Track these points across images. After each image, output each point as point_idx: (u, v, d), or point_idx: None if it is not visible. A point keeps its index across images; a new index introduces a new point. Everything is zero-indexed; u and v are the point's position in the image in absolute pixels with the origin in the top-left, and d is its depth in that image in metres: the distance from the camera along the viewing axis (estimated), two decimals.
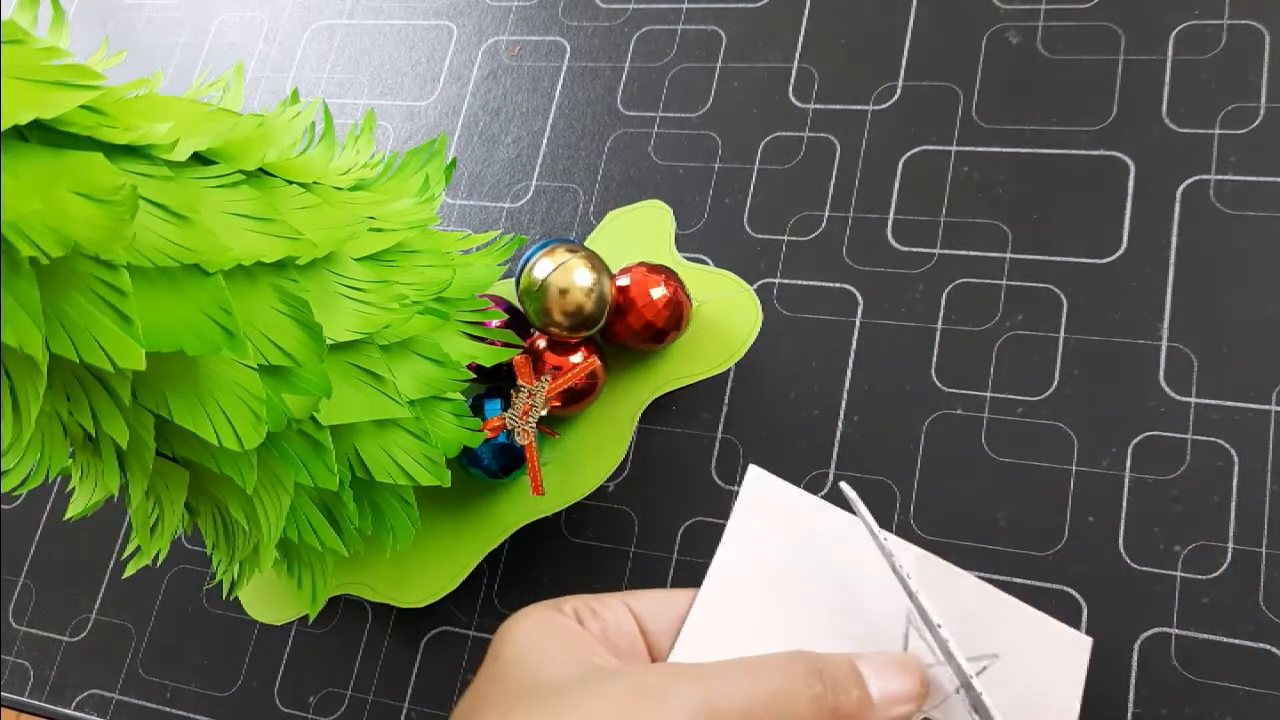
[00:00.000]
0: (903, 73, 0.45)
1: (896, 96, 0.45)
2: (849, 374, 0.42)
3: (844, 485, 0.31)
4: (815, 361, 0.42)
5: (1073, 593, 0.37)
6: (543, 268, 0.41)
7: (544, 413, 0.40)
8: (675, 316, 0.41)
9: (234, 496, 0.35)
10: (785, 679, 0.24)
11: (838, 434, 0.41)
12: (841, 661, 0.26)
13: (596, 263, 0.41)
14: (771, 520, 0.32)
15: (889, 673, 0.26)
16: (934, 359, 0.41)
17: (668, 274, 0.42)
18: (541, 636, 0.26)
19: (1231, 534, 0.36)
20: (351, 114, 0.54)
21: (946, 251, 0.42)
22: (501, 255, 0.41)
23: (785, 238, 0.44)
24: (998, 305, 0.41)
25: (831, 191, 0.45)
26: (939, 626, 0.27)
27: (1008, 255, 0.41)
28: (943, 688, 0.27)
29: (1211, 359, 0.38)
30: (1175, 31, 0.43)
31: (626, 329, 0.41)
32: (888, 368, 0.41)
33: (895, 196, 0.44)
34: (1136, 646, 0.36)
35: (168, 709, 0.46)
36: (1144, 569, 0.36)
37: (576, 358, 0.41)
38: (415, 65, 0.54)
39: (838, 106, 0.46)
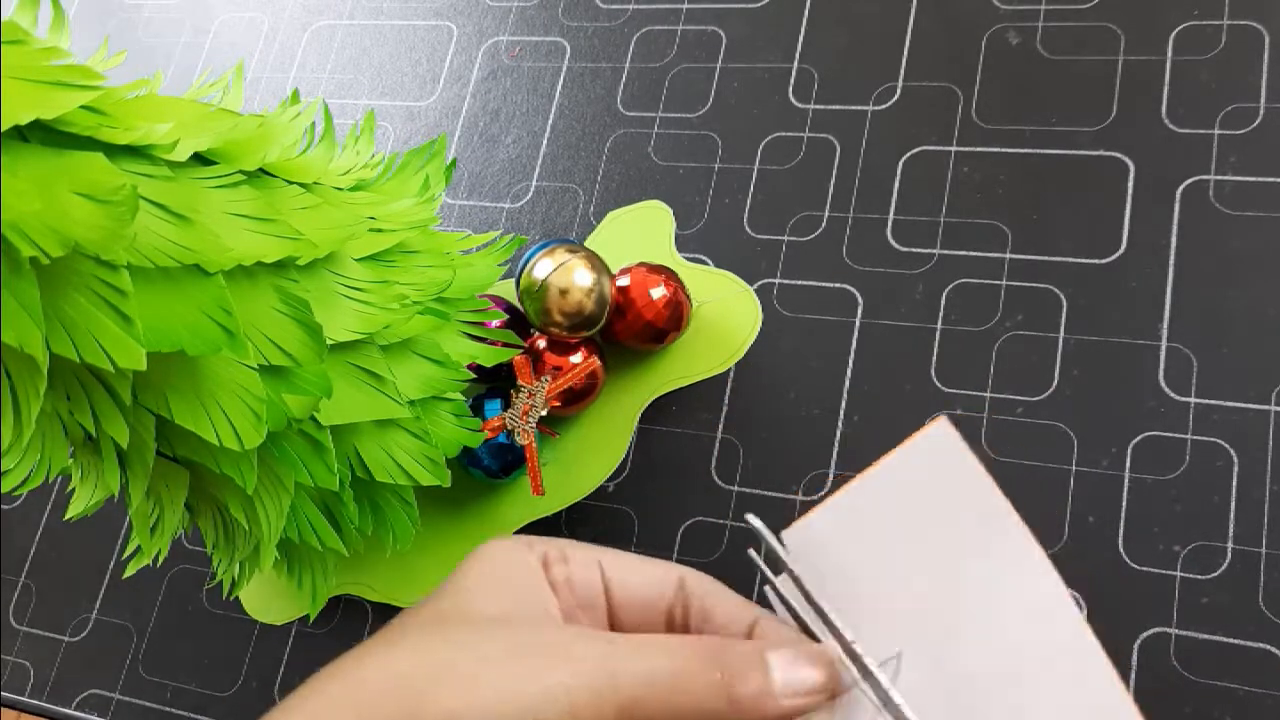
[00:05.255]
0: (903, 73, 0.45)
1: (896, 97, 0.45)
2: (849, 374, 0.42)
3: (751, 517, 0.28)
4: (815, 361, 0.42)
5: (1073, 593, 0.37)
6: (543, 268, 0.41)
7: (544, 413, 0.40)
8: (675, 316, 0.41)
9: (234, 496, 0.35)
10: (688, 660, 0.25)
11: (838, 434, 0.41)
12: (749, 649, 0.26)
13: (596, 263, 0.41)
14: (932, 483, 0.28)
15: (797, 663, 0.26)
16: (934, 359, 0.41)
17: (668, 274, 0.42)
18: (499, 571, 0.26)
19: (1231, 534, 0.36)
20: (352, 114, 0.54)
21: (946, 251, 0.42)
22: (501, 255, 0.41)
23: (785, 238, 0.44)
24: (998, 305, 0.41)
25: (831, 191, 0.45)
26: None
27: (1008, 255, 0.41)
28: (863, 702, 0.27)
29: (1211, 359, 0.38)
30: (1175, 31, 0.43)
31: (626, 329, 0.41)
32: (888, 368, 0.41)
33: (895, 196, 0.44)
34: (1136, 646, 0.36)
35: (168, 709, 0.46)
36: (1144, 569, 0.36)
37: (576, 358, 0.41)
38: (415, 65, 0.54)
39: (838, 106, 0.46)
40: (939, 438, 0.28)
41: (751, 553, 0.29)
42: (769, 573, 0.28)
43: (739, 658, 0.25)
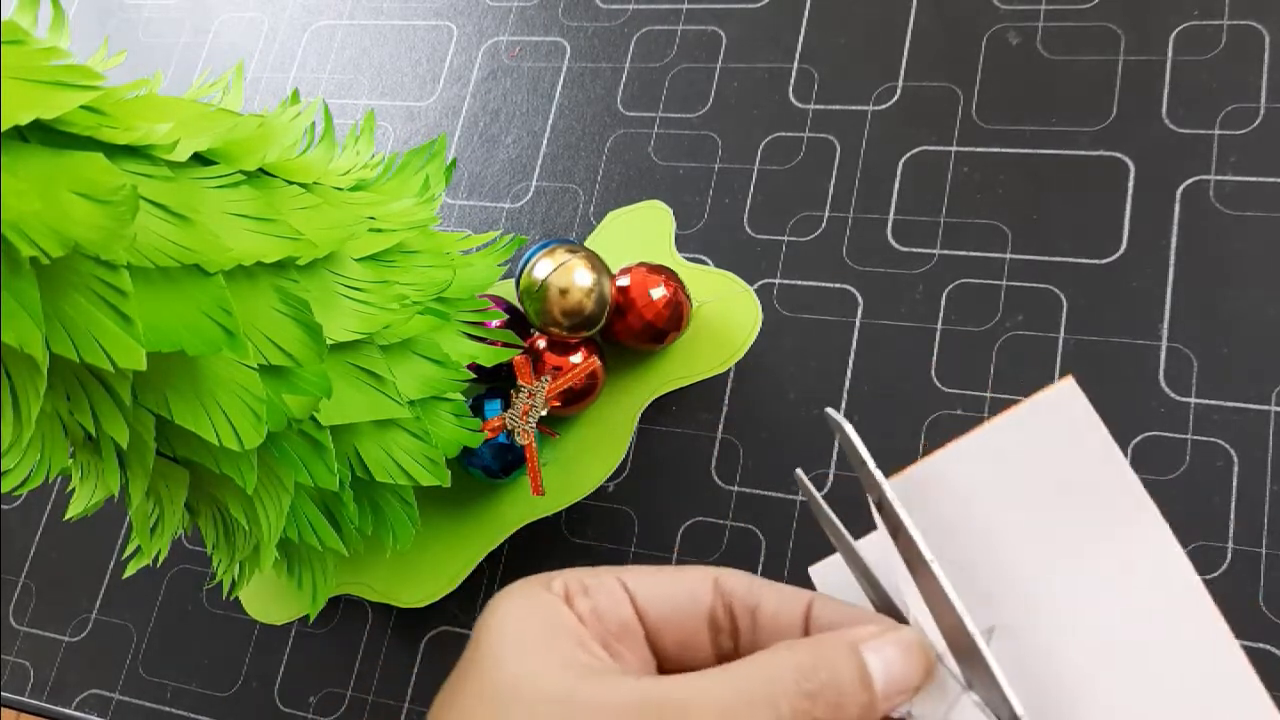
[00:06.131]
0: (903, 73, 0.45)
1: (896, 96, 0.45)
2: (849, 374, 0.42)
3: (830, 411, 0.26)
4: (815, 361, 0.42)
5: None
6: (543, 268, 0.41)
7: (544, 413, 0.40)
8: (675, 316, 0.41)
9: (234, 496, 0.35)
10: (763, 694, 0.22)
11: (837, 434, 0.41)
12: (840, 650, 0.23)
13: (596, 263, 0.41)
14: (1053, 445, 0.26)
15: (894, 658, 0.23)
16: (934, 359, 0.41)
17: (668, 274, 0.42)
18: (524, 622, 0.24)
19: (1231, 534, 0.36)
20: (352, 114, 0.54)
21: (946, 251, 0.42)
22: (501, 255, 0.41)
23: (785, 238, 0.44)
24: (998, 305, 0.41)
25: (831, 191, 0.45)
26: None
27: (1008, 255, 0.41)
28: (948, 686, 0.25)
29: (1211, 359, 0.38)
30: (1175, 31, 0.43)
31: (626, 329, 0.41)
32: (888, 368, 0.41)
33: (895, 196, 0.44)
34: None
35: (168, 709, 0.46)
36: None
37: (576, 358, 0.41)
38: (415, 65, 0.54)
39: (838, 106, 0.46)
40: (1067, 399, 0.25)
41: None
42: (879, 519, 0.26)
43: (835, 682, 0.22)
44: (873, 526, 0.27)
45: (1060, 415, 0.25)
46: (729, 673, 0.23)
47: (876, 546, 0.26)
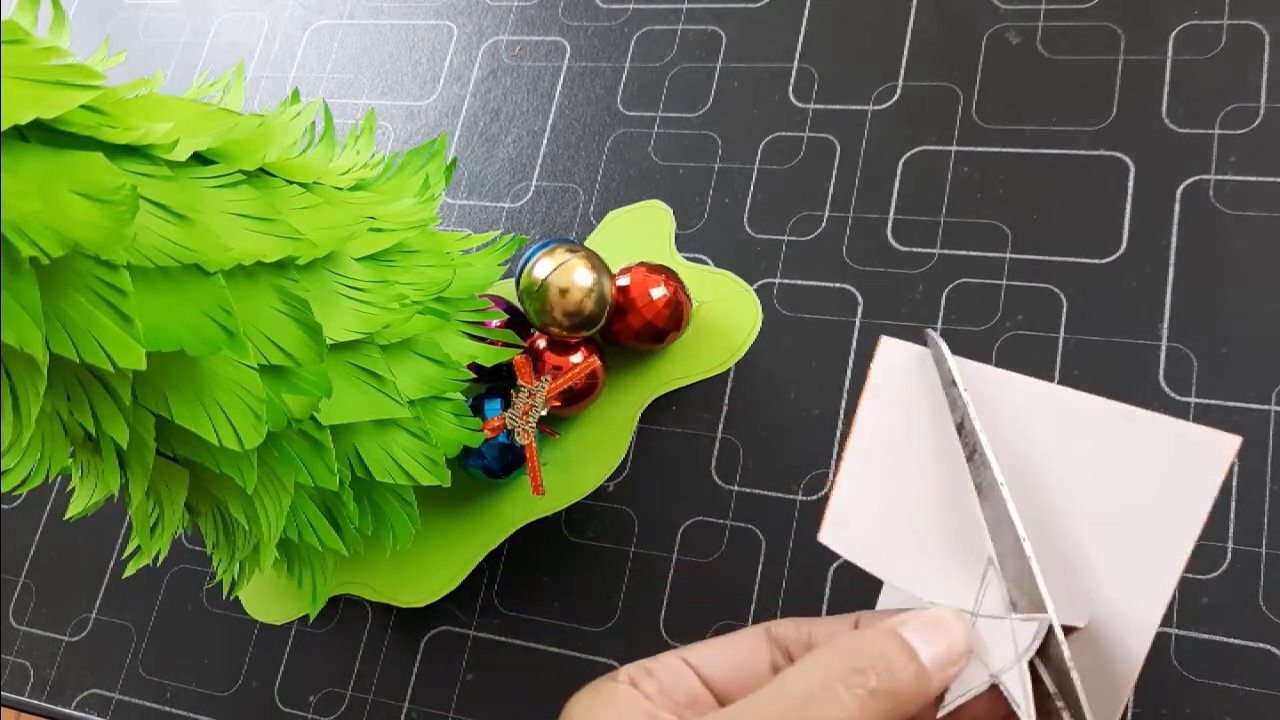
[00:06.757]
0: (903, 73, 0.45)
1: (896, 96, 0.45)
2: (849, 374, 0.42)
3: (930, 331, 0.28)
4: (815, 361, 0.42)
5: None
6: (543, 268, 0.41)
7: (544, 413, 0.40)
8: (675, 316, 0.41)
9: (234, 496, 0.35)
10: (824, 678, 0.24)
11: (838, 434, 0.41)
12: (883, 636, 0.25)
13: (596, 263, 0.41)
14: (904, 394, 0.29)
15: (933, 637, 0.25)
16: None
17: (668, 274, 0.42)
18: (595, 708, 0.26)
19: (1231, 534, 0.36)
20: (352, 114, 0.54)
21: (946, 251, 0.42)
22: (501, 255, 0.41)
23: (785, 238, 0.44)
24: (998, 305, 0.41)
25: (831, 191, 0.45)
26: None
27: (1008, 255, 0.41)
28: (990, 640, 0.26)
29: (1211, 359, 0.38)
30: (1175, 31, 0.43)
31: (626, 329, 0.41)
32: None
33: (895, 196, 0.44)
34: None
35: (168, 709, 0.46)
36: None
37: (576, 358, 0.41)
38: (415, 65, 0.54)
39: (838, 106, 0.46)
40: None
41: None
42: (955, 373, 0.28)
43: (879, 663, 0.24)
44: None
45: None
46: (783, 679, 0.24)
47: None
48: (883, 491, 0.29)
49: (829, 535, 0.30)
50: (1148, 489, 0.25)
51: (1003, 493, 0.26)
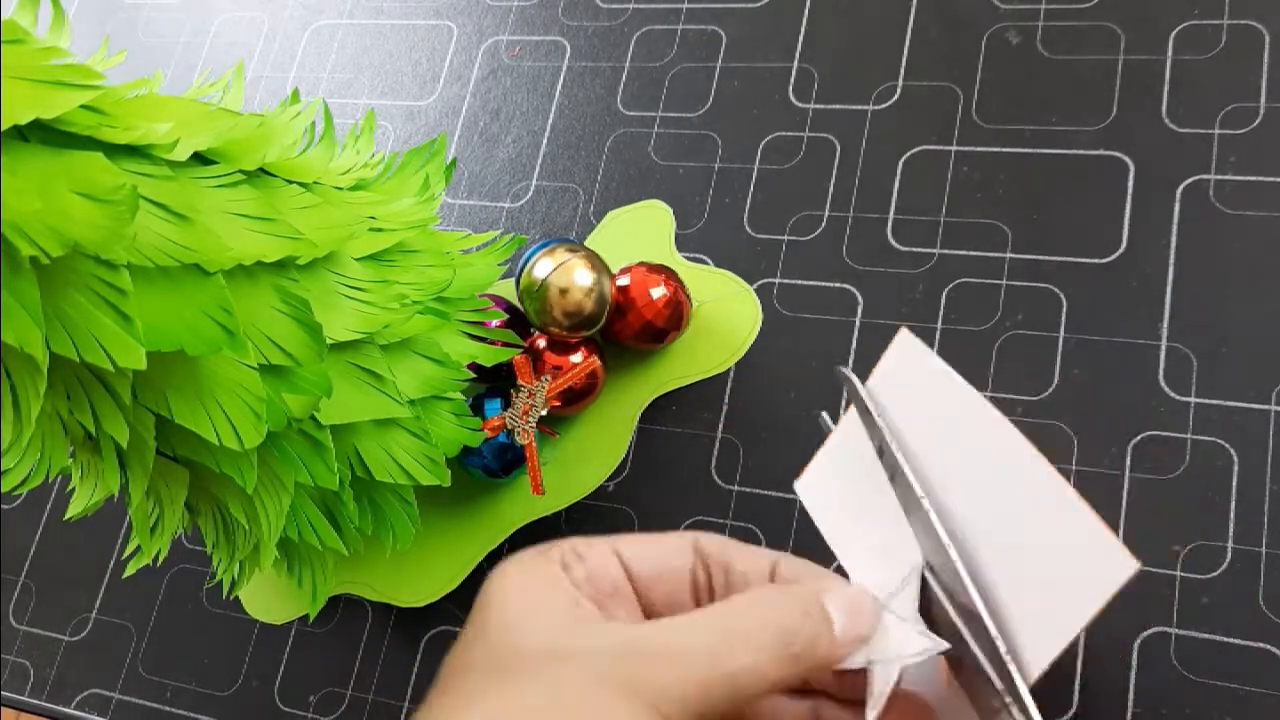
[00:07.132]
0: (903, 73, 0.45)
1: (896, 96, 0.45)
2: None
3: (841, 368, 0.31)
4: (815, 361, 0.42)
5: None
6: (543, 268, 0.41)
7: (544, 413, 0.40)
8: (675, 316, 0.41)
9: (234, 496, 0.35)
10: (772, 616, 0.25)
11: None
12: (808, 594, 0.27)
13: (596, 263, 0.41)
14: (886, 399, 0.30)
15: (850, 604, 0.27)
16: None
17: (668, 274, 0.42)
18: (524, 588, 0.27)
19: (1231, 534, 0.36)
20: (351, 114, 0.54)
21: (946, 251, 0.42)
22: (501, 255, 0.41)
23: (785, 238, 0.44)
24: (998, 305, 0.41)
25: (831, 191, 0.45)
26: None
27: (1008, 255, 0.41)
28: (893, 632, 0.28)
29: (1211, 359, 0.38)
30: (1175, 31, 0.43)
31: (626, 329, 0.41)
32: None
33: (895, 196, 0.44)
34: (1136, 646, 0.36)
35: (168, 709, 0.46)
36: (1144, 569, 0.36)
37: (576, 358, 0.41)
38: (415, 65, 0.54)
39: (838, 106, 0.46)
40: (902, 350, 0.29)
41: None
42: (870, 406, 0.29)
43: (805, 634, 0.26)
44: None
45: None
46: (708, 614, 0.26)
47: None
48: (851, 474, 0.31)
49: (803, 486, 0.32)
50: (1054, 562, 0.27)
51: (925, 505, 0.28)
